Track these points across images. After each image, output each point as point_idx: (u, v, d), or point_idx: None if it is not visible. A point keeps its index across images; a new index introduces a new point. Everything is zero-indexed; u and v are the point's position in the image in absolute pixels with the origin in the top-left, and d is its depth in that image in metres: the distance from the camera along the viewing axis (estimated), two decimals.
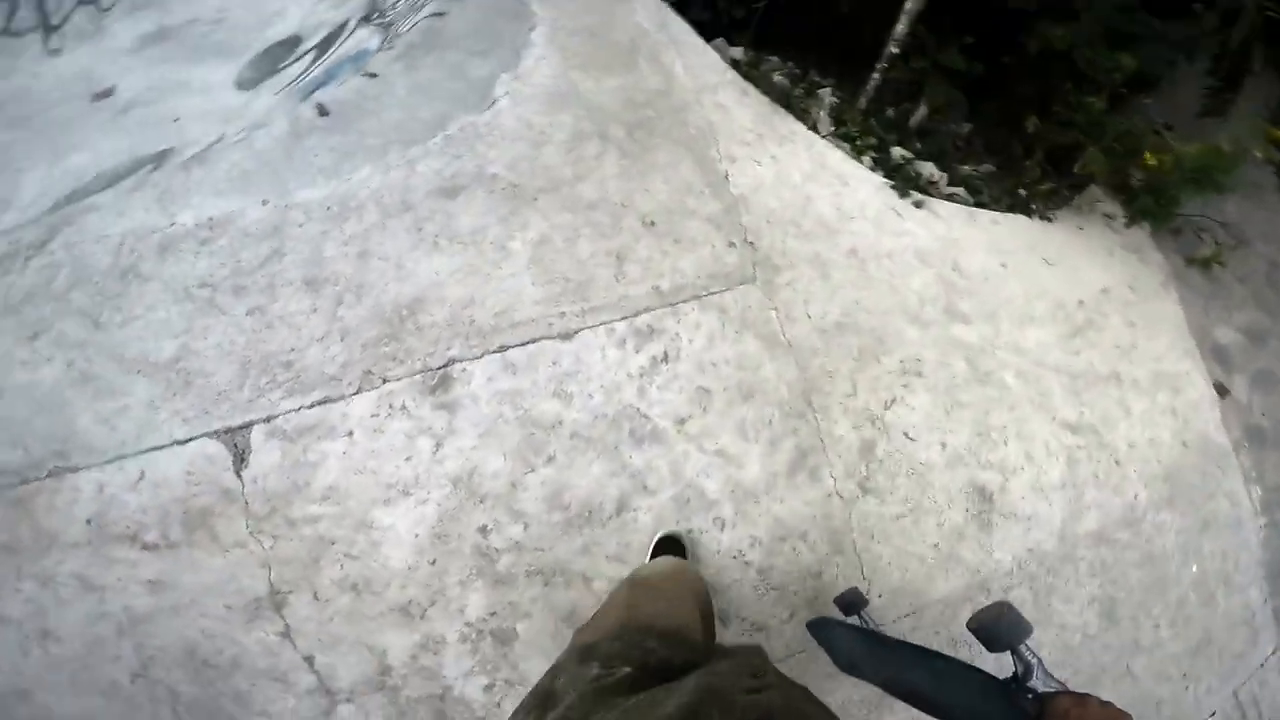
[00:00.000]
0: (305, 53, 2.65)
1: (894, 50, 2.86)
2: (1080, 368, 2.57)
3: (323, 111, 2.28)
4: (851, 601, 1.54)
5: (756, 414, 1.98)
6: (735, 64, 2.91)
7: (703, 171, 2.33)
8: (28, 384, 1.63)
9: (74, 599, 1.49)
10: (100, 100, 2.53)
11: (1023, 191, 3.18)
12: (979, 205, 2.93)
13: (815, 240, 2.33)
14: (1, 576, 1.49)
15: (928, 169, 2.94)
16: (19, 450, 1.56)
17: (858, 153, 2.82)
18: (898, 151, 2.95)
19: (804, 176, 2.52)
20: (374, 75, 2.37)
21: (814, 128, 2.81)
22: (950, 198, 2.87)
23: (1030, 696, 0.82)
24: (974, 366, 2.34)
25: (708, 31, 2.97)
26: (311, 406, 1.74)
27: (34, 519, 1.52)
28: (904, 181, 2.74)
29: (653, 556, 1.79)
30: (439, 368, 1.84)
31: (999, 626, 0.87)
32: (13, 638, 1.47)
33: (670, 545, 1.82)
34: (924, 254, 2.50)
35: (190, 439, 1.64)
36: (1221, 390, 2.88)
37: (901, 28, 2.79)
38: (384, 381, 1.80)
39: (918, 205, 2.67)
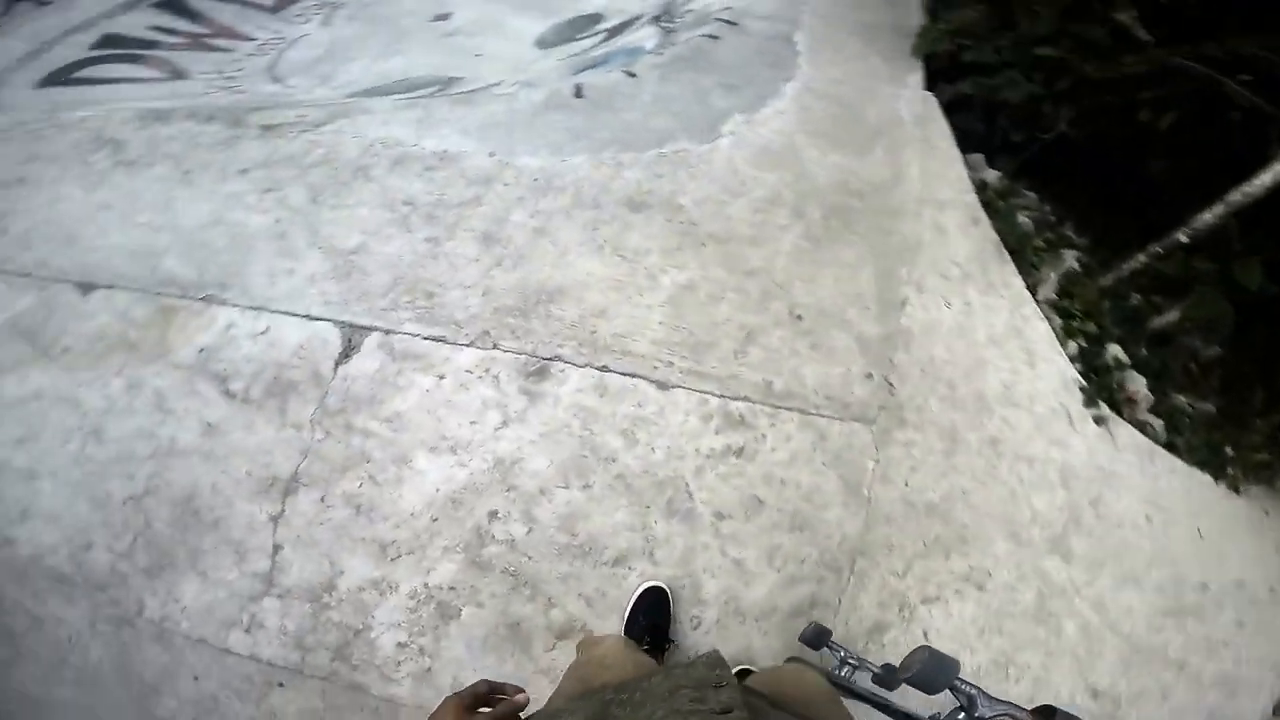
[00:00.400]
0: (599, 32, 2.39)
1: (1183, 238, 1.97)
2: (1152, 645, 1.73)
3: (578, 93, 2.01)
4: (817, 634, 1.20)
5: (794, 548, 1.48)
6: (982, 186, 2.19)
7: (880, 287, 1.75)
8: (239, 223, 1.58)
9: (141, 411, 1.40)
10: (436, 21, 2.47)
11: (1229, 451, 2.15)
12: (1168, 446, 1.99)
13: (961, 411, 1.67)
14: (105, 368, 1.42)
15: (1137, 384, 2.07)
16: (195, 270, 1.51)
17: (1066, 334, 2.01)
18: (1113, 351, 2.08)
19: (989, 338, 1.82)
20: (633, 75, 2.05)
21: (1033, 288, 2.04)
22: (1141, 426, 1.97)
23: None
24: (1042, 603, 1.61)
25: (970, 143, 2.25)
26: (427, 339, 1.55)
27: (165, 330, 1.46)
28: (1099, 389, 1.90)
29: (633, 606, 1.43)
30: (544, 358, 1.55)
31: (928, 670, 0.73)
32: (68, 424, 1.40)
33: (654, 597, 1.45)
34: (1069, 476, 1.73)
35: (321, 319, 1.50)
36: None
37: (1210, 216, 1.88)
38: (494, 347, 1.55)
39: (1098, 421, 1.84)
